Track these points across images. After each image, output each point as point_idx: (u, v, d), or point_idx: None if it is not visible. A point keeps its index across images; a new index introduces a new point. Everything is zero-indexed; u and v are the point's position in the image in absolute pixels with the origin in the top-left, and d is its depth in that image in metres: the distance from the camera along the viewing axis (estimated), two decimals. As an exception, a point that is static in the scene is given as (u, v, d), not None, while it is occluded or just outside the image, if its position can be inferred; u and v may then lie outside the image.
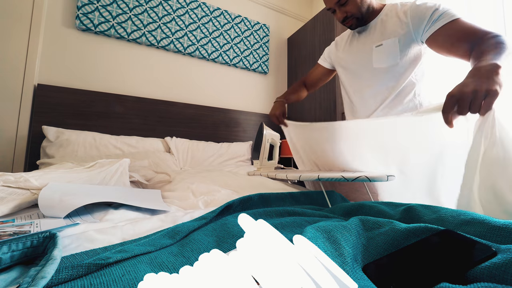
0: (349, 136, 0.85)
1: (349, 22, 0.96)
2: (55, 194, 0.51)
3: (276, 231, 0.23)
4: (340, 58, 1.10)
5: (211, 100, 1.98)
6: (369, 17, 0.97)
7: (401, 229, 0.32)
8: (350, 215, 0.46)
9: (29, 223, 0.43)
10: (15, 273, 0.27)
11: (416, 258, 0.27)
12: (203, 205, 0.65)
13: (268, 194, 0.57)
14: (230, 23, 2.07)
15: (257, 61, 2.18)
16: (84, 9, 1.51)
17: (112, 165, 0.75)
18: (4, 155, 1.30)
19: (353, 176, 0.60)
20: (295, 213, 0.47)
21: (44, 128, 1.31)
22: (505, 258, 0.22)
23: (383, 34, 0.93)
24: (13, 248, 0.28)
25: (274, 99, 2.28)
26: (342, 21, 0.97)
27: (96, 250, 0.32)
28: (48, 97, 1.38)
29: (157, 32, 1.73)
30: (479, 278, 0.22)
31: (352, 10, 0.92)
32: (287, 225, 0.39)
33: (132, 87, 1.68)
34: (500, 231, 0.29)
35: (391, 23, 0.91)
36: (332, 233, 0.31)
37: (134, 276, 0.26)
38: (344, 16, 0.94)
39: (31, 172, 0.67)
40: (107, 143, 1.39)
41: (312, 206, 0.57)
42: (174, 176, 0.90)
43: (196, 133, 1.82)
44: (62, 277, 0.24)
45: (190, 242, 0.34)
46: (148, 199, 0.62)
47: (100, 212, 0.53)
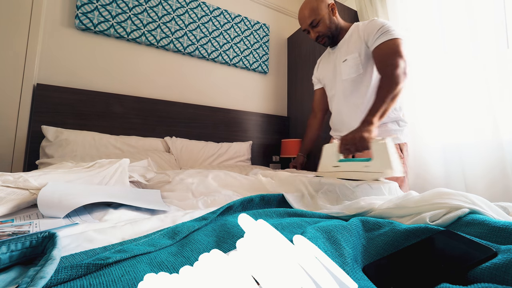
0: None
1: (321, 41, 1.14)
2: (54, 194, 0.51)
3: (276, 231, 0.23)
4: (320, 74, 1.29)
5: (211, 100, 1.98)
6: (339, 36, 1.14)
7: (401, 229, 0.32)
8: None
9: (28, 223, 0.43)
10: (14, 273, 0.27)
11: (416, 259, 0.27)
12: (203, 206, 0.65)
13: (270, 196, 0.57)
14: (230, 23, 2.06)
15: (257, 60, 2.18)
16: (84, 8, 1.50)
17: (112, 165, 0.75)
18: (3, 155, 1.30)
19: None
20: (295, 214, 0.47)
21: (43, 128, 1.30)
22: (505, 259, 0.22)
23: (347, 50, 1.10)
24: (12, 248, 0.28)
25: (274, 99, 2.30)
26: (316, 40, 1.14)
27: (95, 250, 0.32)
28: (47, 96, 1.38)
29: (156, 31, 1.73)
30: (480, 278, 0.22)
31: (323, 30, 1.10)
32: (287, 225, 0.39)
33: (132, 86, 1.67)
34: (500, 232, 0.29)
35: (353, 40, 1.08)
36: (332, 234, 0.31)
37: (133, 276, 0.26)
38: (317, 35, 1.12)
39: (30, 172, 0.67)
40: (106, 143, 1.38)
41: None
42: (173, 176, 0.90)
43: (196, 133, 1.82)
44: (61, 277, 0.24)
45: (190, 242, 0.34)
46: (147, 199, 0.62)
47: (100, 212, 0.53)
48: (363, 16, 1.85)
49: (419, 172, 1.48)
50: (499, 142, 1.19)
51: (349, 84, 1.10)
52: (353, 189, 0.63)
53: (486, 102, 1.24)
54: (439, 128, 1.43)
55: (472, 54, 1.29)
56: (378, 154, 0.70)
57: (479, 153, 1.26)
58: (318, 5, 1.07)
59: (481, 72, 1.26)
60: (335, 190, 0.64)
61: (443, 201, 0.40)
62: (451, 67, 1.39)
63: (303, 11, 1.10)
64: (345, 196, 0.63)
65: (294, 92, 2.26)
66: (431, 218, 0.38)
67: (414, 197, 0.44)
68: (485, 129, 1.25)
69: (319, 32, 1.10)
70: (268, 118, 2.21)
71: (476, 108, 1.28)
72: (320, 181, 0.68)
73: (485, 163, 1.23)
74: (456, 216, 0.36)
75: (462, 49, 1.34)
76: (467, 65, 1.32)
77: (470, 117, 1.30)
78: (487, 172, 1.22)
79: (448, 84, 1.40)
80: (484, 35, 1.26)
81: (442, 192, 0.43)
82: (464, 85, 1.33)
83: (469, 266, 0.24)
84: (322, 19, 1.08)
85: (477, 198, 0.41)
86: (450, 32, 1.40)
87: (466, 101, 1.32)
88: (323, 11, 1.07)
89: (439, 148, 1.42)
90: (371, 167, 0.70)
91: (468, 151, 1.30)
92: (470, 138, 1.30)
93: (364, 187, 0.64)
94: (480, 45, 1.27)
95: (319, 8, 1.07)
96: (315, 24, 1.08)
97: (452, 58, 1.39)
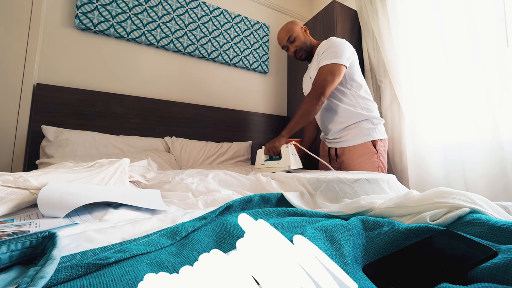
0: None
1: (298, 55, 1.36)
2: (54, 194, 0.51)
3: (276, 231, 0.23)
4: (303, 85, 1.53)
5: (211, 99, 1.98)
6: (312, 51, 1.36)
7: (401, 229, 0.32)
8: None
9: (28, 223, 0.43)
10: (14, 273, 0.27)
11: (416, 258, 0.27)
12: (203, 205, 0.65)
13: (269, 195, 0.57)
14: (230, 23, 2.06)
15: (257, 60, 2.18)
16: (84, 8, 1.50)
17: (112, 165, 0.75)
18: (3, 154, 1.30)
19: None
20: (295, 213, 0.47)
21: (43, 128, 1.30)
22: (505, 259, 0.22)
23: (314, 66, 1.30)
24: (12, 248, 0.28)
25: (274, 99, 2.30)
26: (294, 54, 1.36)
27: (95, 250, 0.32)
28: (47, 96, 1.38)
29: (156, 31, 1.73)
30: (480, 278, 0.22)
31: (299, 44, 1.33)
32: (287, 225, 0.39)
33: (132, 86, 1.67)
34: (500, 232, 0.29)
35: (316, 58, 1.29)
36: (332, 233, 0.31)
37: (133, 276, 0.26)
38: (295, 49, 1.34)
39: (30, 172, 0.67)
40: (106, 142, 1.38)
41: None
42: (173, 176, 0.90)
43: (196, 133, 1.82)
44: (61, 277, 0.24)
45: (189, 242, 0.34)
46: (147, 199, 0.62)
47: (100, 212, 0.53)
48: (363, 16, 1.84)
49: (419, 172, 1.48)
50: (499, 141, 1.19)
51: None
52: (352, 184, 0.64)
53: (486, 102, 1.24)
54: (439, 128, 1.43)
55: (472, 53, 1.29)
56: (283, 155, 1.10)
57: (479, 152, 1.26)
58: (293, 27, 1.33)
59: (481, 71, 1.26)
60: (334, 187, 0.64)
61: (444, 201, 0.40)
62: (451, 67, 1.39)
63: (281, 32, 1.35)
64: (344, 192, 0.63)
65: (294, 92, 2.26)
66: (432, 217, 0.38)
67: (415, 196, 0.44)
68: (485, 128, 1.24)
69: (296, 46, 1.33)
70: (268, 118, 2.21)
71: (476, 107, 1.28)
72: (318, 179, 0.68)
73: (485, 162, 1.23)
74: (456, 216, 0.36)
75: (462, 48, 1.34)
76: (467, 64, 1.32)
77: (470, 116, 1.30)
78: (487, 172, 1.22)
79: (448, 83, 1.40)
80: (484, 34, 1.25)
81: (442, 191, 0.43)
82: (464, 84, 1.33)
83: (469, 266, 0.24)
84: (297, 35, 1.32)
85: (478, 198, 0.41)
86: (450, 32, 1.40)
87: (465, 101, 1.32)
88: (297, 31, 1.33)
89: (439, 148, 1.42)
90: (280, 164, 1.10)
91: (468, 150, 1.30)
92: (470, 137, 1.30)
93: (362, 182, 0.64)
94: (479, 44, 1.26)
95: (293, 29, 1.33)
96: (292, 40, 1.32)
97: (452, 58, 1.38)
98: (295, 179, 0.70)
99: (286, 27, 1.34)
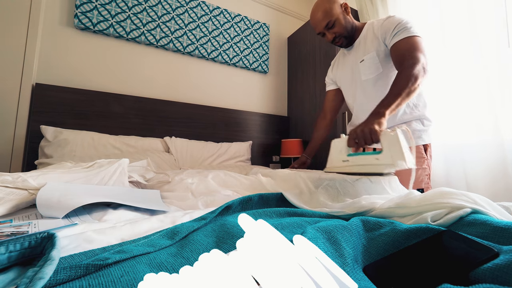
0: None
1: (338, 42, 1.10)
2: (53, 194, 0.51)
3: (276, 232, 0.22)
4: (336, 76, 1.25)
5: (211, 99, 1.97)
6: (354, 35, 1.11)
7: (402, 229, 0.32)
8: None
9: (27, 223, 0.42)
10: (13, 274, 0.27)
11: (417, 259, 0.27)
12: (202, 206, 0.65)
13: (268, 195, 0.57)
14: (230, 22, 2.06)
15: (257, 60, 2.18)
16: (83, 7, 1.50)
17: (111, 165, 0.74)
18: (2, 155, 1.29)
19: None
20: (295, 213, 0.46)
21: (42, 128, 1.30)
22: (507, 259, 0.22)
23: (365, 50, 1.07)
24: (10, 248, 0.28)
25: (274, 99, 2.30)
26: (332, 41, 1.10)
27: (94, 250, 0.32)
28: (46, 96, 1.37)
29: (156, 31, 1.73)
30: (481, 279, 0.22)
31: (339, 30, 1.06)
32: (287, 225, 0.38)
33: (131, 86, 1.67)
34: (502, 232, 0.29)
35: (369, 39, 1.05)
36: (333, 234, 0.31)
37: (133, 276, 0.26)
38: (333, 36, 1.07)
39: (29, 172, 0.67)
40: (105, 143, 1.38)
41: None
42: (173, 176, 0.89)
43: (196, 133, 1.82)
44: (60, 278, 0.24)
45: (189, 243, 0.34)
46: (147, 199, 0.62)
47: (99, 212, 0.53)
48: (363, 16, 1.84)
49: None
50: (500, 141, 1.19)
51: (369, 85, 1.06)
52: (353, 183, 0.63)
53: (487, 102, 1.24)
54: (440, 128, 1.43)
55: (473, 53, 1.29)
56: (389, 146, 0.67)
57: (480, 152, 1.26)
58: (331, 6, 1.03)
59: (482, 71, 1.26)
60: (335, 185, 0.64)
61: (445, 201, 0.39)
62: (452, 67, 1.39)
63: (316, 14, 1.05)
64: (345, 191, 0.62)
65: (294, 92, 2.26)
66: (433, 218, 0.38)
67: (416, 197, 0.43)
68: (486, 128, 1.24)
69: (335, 33, 1.06)
70: (268, 118, 2.21)
71: (477, 107, 1.28)
72: (320, 177, 0.68)
73: (486, 162, 1.23)
74: (458, 216, 0.36)
75: (463, 48, 1.34)
76: (468, 64, 1.32)
77: (471, 116, 1.30)
78: (488, 172, 1.22)
79: (449, 83, 1.40)
80: (485, 34, 1.25)
81: (444, 191, 0.42)
82: (465, 84, 1.33)
83: (470, 267, 0.23)
84: (337, 19, 1.04)
85: (479, 198, 0.40)
86: (451, 32, 1.40)
87: (467, 101, 1.32)
88: (337, 11, 1.04)
89: (440, 148, 1.42)
90: (382, 159, 0.67)
91: (469, 150, 1.30)
92: (471, 137, 1.30)
93: (364, 181, 0.63)
94: (481, 44, 1.26)
95: (333, 9, 1.03)
96: (330, 26, 1.04)
97: (453, 58, 1.38)
98: (296, 176, 0.70)
99: (323, 6, 1.03)
